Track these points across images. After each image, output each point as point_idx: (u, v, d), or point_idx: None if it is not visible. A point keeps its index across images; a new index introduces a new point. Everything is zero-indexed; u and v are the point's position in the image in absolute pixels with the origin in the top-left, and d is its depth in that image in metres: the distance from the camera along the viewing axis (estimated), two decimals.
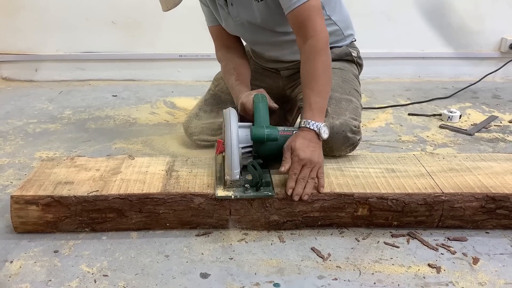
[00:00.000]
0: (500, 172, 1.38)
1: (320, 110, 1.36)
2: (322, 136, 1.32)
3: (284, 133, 1.34)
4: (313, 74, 1.37)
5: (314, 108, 1.34)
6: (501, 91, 2.60)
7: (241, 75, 1.57)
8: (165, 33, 2.69)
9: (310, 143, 1.30)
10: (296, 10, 1.36)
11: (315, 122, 1.32)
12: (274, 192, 1.26)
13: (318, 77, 1.36)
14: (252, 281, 1.11)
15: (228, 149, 1.25)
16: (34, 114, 2.19)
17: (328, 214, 1.29)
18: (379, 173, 1.38)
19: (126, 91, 2.56)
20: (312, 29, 1.36)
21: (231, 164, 1.24)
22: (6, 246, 1.22)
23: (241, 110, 1.43)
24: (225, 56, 1.65)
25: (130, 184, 1.28)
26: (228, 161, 1.25)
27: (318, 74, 1.36)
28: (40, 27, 2.64)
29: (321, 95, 1.37)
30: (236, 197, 1.24)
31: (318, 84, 1.36)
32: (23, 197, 1.22)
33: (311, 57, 1.37)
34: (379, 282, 1.11)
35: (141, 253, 1.20)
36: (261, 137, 1.30)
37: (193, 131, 1.76)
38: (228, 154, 1.26)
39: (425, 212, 1.28)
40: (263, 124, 1.33)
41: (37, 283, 1.09)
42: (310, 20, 1.36)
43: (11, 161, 1.70)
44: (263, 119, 1.34)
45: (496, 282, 1.11)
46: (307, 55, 1.38)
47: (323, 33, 1.38)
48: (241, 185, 1.27)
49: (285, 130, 1.35)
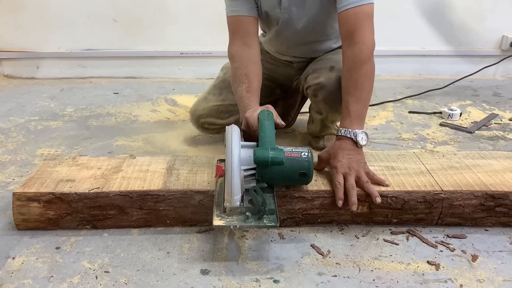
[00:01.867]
0: (499, 170, 1.39)
1: (359, 118, 1.34)
2: (360, 143, 1.31)
3: (291, 155, 1.20)
4: (356, 81, 1.35)
5: (353, 115, 1.33)
6: (502, 88, 2.60)
7: (252, 86, 1.45)
8: (166, 31, 2.70)
9: (345, 151, 1.30)
10: (350, 11, 1.35)
11: (352, 130, 1.31)
12: (278, 222, 1.12)
13: (360, 85, 1.35)
14: (252, 278, 1.11)
15: (229, 172, 1.12)
16: (36, 112, 2.19)
17: (328, 211, 1.29)
18: (379, 170, 1.38)
19: (127, 89, 2.56)
20: (361, 35, 1.35)
21: (231, 190, 1.12)
22: (9, 243, 1.23)
23: (245, 126, 1.32)
24: (239, 54, 1.51)
25: (131, 182, 1.29)
26: (228, 187, 1.13)
27: (360, 82, 1.35)
28: (42, 25, 2.64)
29: (361, 102, 1.35)
30: (236, 227, 1.12)
31: (359, 91, 1.35)
32: (25, 194, 1.23)
33: (355, 64, 1.35)
34: (378, 279, 1.11)
35: (142, 250, 1.21)
36: (265, 160, 1.16)
37: (201, 113, 1.74)
38: (228, 178, 1.13)
39: (424, 210, 1.29)
40: (268, 145, 1.19)
41: (39, 279, 1.10)
42: (360, 25, 1.35)
43: (13, 158, 1.71)
44: (269, 139, 1.20)
45: (495, 279, 1.12)
46: (351, 61, 1.36)
47: (370, 41, 1.36)
48: (242, 212, 1.14)
49: (293, 152, 1.21)
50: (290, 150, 1.22)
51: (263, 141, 1.20)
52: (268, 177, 1.20)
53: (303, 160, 1.20)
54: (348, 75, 1.37)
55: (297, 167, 1.19)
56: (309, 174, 1.21)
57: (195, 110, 1.77)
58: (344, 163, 1.28)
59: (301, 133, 1.97)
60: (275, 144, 1.21)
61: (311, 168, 1.21)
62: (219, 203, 1.19)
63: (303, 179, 1.21)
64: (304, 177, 1.21)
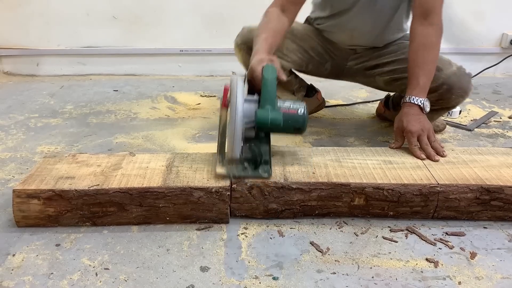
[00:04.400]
0: (496, 165, 1.40)
1: (425, 89, 1.51)
2: (425, 109, 1.50)
3: (288, 112, 1.32)
4: (427, 59, 1.51)
5: (422, 86, 1.50)
6: (501, 86, 2.60)
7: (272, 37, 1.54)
8: (166, 28, 2.70)
9: (415, 116, 1.48)
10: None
11: (419, 98, 1.49)
12: (270, 172, 1.29)
13: (430, 63, 1.52)
14: (252, 275, 1.12)
15: (232, 126, 1.24)
16: (36, 109, 2.20)
17: (325, 203, 1.31)
18: (376, 164, 1.39)
19: (127, 86, 2.57)
20: (436, 17, 1.52)
21: (233, 144, 1.26)
22: (8, 240, 1.23)
23: (249, 75, 1.39)
24: (273, 13, 1.61)
25: (131, 179, 1.29)
26: (231, 140, 1.26)
27: (432, 60, 1.52)
28: (42, 22, 2.64)
29: (428, 77, 1.51)
30: (234, 176, 1.28)
31: (428, 68, 1.51)
32: (25, 191, 1.24)
33: (429, 44, 1.51)
34: (377, 276, 1.12)
35: (142, 247, 1.21)
36: (265, 122, 1.28)
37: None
38: (231, 132, 1.25)
39: (420, 203, 1.30)
40: (269, 104, 1.29)
41: (39, 276, 1.10)
42: (435, 7, 1.52)
43: (12, 155, 1.71)
44: (270, 99, 1.30)
45: (493, 276, 1.12)
46: (424, 39, 1.51)
47: (442, 24, 1.54)
48: (241, 162, 1.30)
49: (290, 108, 1.33)
50: (288, 106, 1.33)
51: (265, 100, 1.30)
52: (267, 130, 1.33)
53: (298, 116, 1.33)
54: (420, 51, 1.52)
55: (293, 122, 1.32)
56: (303, 128, 1.35)
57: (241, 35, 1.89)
58: (417, 125, 1.47)
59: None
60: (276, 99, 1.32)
61: (305, 124, 1.34)
62: (222, 150, 1.35)
63: (297, 132, 1.36)
64: (298, 131, 1.35)
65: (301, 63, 1.87)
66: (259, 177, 1.29)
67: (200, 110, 2.23)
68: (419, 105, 1.49)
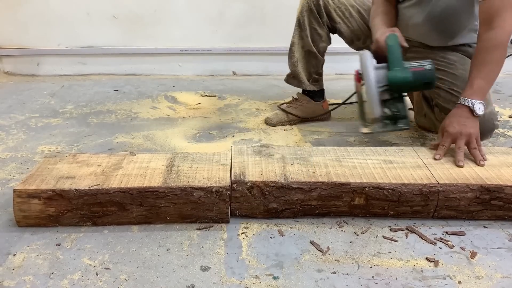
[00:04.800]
0: (496, 165, 1.40)
1: (480, 91, 1.45)
2: (476, 112, 1.42)
3: (416, 69, 1.48)
4: (486, 61, 1.45)
5: (476, 88, 1.44)
6: (502, 86, 2.60)
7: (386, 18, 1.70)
8: (166, 28, 2.70)
9: (461, 118, 1.43)
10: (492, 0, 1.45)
11: (470, 99, 1.43)
12: (409, 125, 1.48)
13: (489, 64, 1.45)
14: (252, 274, 1.12)
15: (369, 91, 1.46)
16: (36, 109, 2.20)
17: (325, 202, 1.31)
18: (376, 164, 1.39)
19: (128, 86, 2.57)
20: (501, 20, 1.45)
21: (372, 106, 1.46)
22: (9, 239, 1.23)
23: (375, 47, 1.58)
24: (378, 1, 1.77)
25: (131, 179, 1.30)
26: (369, 103, 1.47)
27: (491, 62, 1.45)
28: (42, 22, 2.65)
29: (486, 80, 1.46)
30: (378, 132, 1.49)
31: (487, 70, 1.45)
32: (25, 191, 1.24)
33: (489, 46, 1.45)
34: (377, 276, 1.12)
35: (142, 247, 1.21)
36: (396, 81, 1.47)
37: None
38: (369, 96, 1.46)
39: (420, 202, 1.30)
40: (396, 66, 1.47)
41: (39, 276, 1.10)
42: (501, 11, 1.45)
43: (13, 155, 1.71)
44: (397, 61, 1.47)
45: (493, 275, 1.12)
46: (486, 42, 1.46)
47: (509, 26, 1.46)
48: (380, 120, 1.49)
49: (417, 66, 1.49)
50: (415, 65, 1.49)
51: (393, 64, 1.48)
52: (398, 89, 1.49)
53: (426, 71, 1.48)
54: (481, 54, 1.47)
55: (422, 78, 1.48)
56: (432, 82, 1.50)
57: None
58: (457, 128, 1.42)
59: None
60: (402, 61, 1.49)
61: (433, 77, 1.49)
62: (361, 115, 1.56)
63: (427, 86, 1.52)
64: (428, 85, 1.51)
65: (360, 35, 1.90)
66: (400, 130, 1.48)
67: (200, 109, 2.23)
68: (468, 107, 1.42)
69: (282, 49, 2.74)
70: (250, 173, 1.33)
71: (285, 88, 2.50)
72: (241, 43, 2.75)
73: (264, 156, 1.43)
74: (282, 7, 2.66)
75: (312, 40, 1.91)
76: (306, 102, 2.03)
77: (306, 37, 1.91)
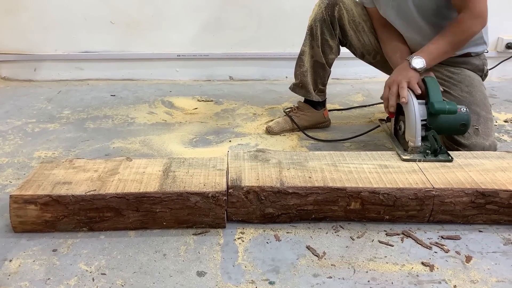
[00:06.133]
0: (491, 169, 1.41)
1: (428, 53, 1.56)
2: (412, 64, 1.54)
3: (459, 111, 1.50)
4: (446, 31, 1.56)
5: (425, 49, 1.57)
6: (497, 90, 2.61)
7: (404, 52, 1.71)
8: (164, 33, 2.71)
9: (398, 70, 1.57)
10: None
11: (413, 56, 1.55)
12: (452, 158, 1.45)
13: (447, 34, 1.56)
14: (248, 279, 1.12)
15: (413, 121, 1.48)
16: (33, 114, 2.20)
17: (321, 207, 1.32)
18: (372, 168, 1.40)
19: (125, 91, 2.57)
20: (472, 4, 1.51)
21: (415, 134, 1.47)
22: (6, 245, 1.23)
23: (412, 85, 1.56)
24: (384, 35, 1.80)
25: (128, 184, 1.30)
26: (413, 131, 1.48)
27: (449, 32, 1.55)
28: (39, 27, 2.65)
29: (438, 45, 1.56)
30: (420, 160, 1.44)
31: (443, 38, 1.56)
32: (22, 196, 1.24)
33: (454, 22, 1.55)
34: (373, 280, 1.12)
35: (139, 252, 1.21)
36: (443, 110, 1.46)
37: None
38: (412, 125, 1.48)
39: (416, 207, 1.31)
40: (438, 99, 1.49)
41: (36, 282, 1.10)
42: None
43: (10, 160, 1.71)
44: (438, 96, 1.50)
45: (488, 280, 1.13)
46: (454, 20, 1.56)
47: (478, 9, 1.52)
48: (420, 151, 1.48)
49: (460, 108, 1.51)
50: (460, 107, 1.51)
51: (435, 97, 1.50)
52: (436, 125, 1.49)
53: (463, 113, 1.50)
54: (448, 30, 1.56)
55: (459, 118, 1.50)
56: (468, 124, 1.51)
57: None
58: (392, 77, 1.56)
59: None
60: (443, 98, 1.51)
61: (469, 120, 1.51)
62: (397, 146, 1.55)
63: (462, 129, 1.52)
64: (464, 127, 1.52)
65: (370, 50, 1.90)
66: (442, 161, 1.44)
67: (197, 114, 2.23)
68: (408, 60, 1.55)
69: (279, 54, 2.76)
70: (246, 178, 1.33)
71: (282, 93, 2.51)
72: (238, 48, 2.76)
73: (260, 161, 1.44)
74: (278, 12, 2.68)
75: (323, 51, 1.89)
76: (309, 111, 2.03)
77: (317, 47, 1.88)
